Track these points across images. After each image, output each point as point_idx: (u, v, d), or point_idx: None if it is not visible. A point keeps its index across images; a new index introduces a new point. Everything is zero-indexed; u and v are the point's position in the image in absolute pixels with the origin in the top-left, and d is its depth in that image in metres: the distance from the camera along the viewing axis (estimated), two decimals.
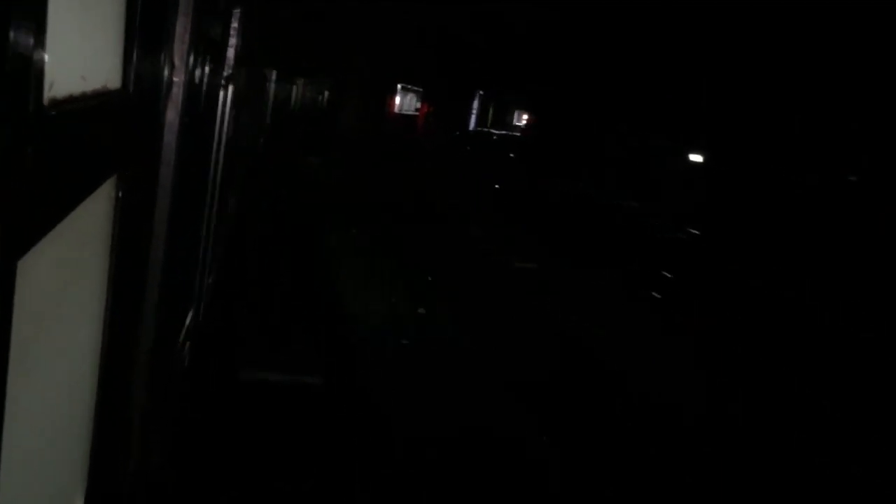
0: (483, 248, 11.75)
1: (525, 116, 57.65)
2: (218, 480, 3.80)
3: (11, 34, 0.73)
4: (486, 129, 50.63)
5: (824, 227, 13.95)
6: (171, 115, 1.90)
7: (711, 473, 5.20)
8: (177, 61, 1.83)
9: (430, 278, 9.11)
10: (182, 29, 1.80)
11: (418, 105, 38.88)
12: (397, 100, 33.61)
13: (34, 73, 0.85)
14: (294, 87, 18.23)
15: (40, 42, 0.86)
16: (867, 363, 8.76)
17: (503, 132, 51.55)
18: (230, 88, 3.41)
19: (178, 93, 1.88)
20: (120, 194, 1.51)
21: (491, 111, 54.80)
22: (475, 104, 47.21)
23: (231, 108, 3.67)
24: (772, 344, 8.88)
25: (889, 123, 12.97)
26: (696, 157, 19.73)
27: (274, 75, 12.35)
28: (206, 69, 2.50)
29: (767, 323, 9.97)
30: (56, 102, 0.99)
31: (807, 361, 8.38)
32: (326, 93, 21.30)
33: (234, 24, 3.31)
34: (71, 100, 1.06)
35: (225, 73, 3.31)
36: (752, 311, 10.51)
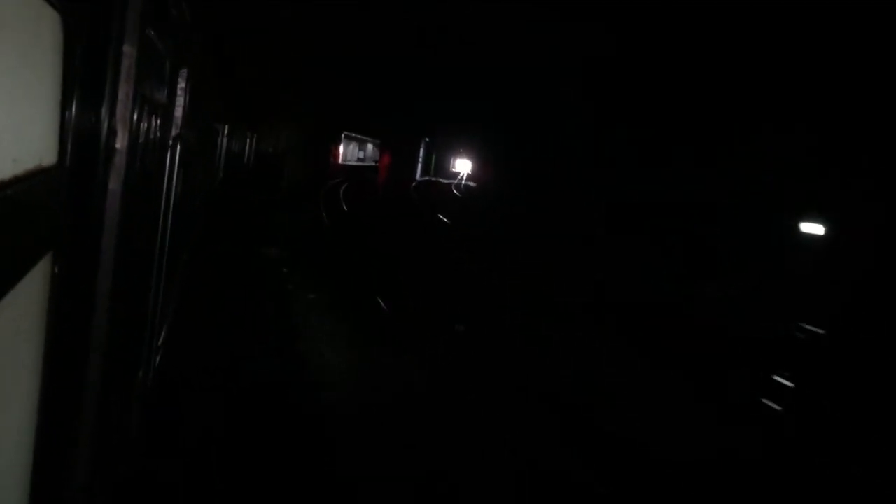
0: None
1: (461, 163, 57.90)
2: None
3: None
4: (433, 178, 50.42)
5: None
6: (114, 182, 1.85)
7: None
8: (119, 128, 1.79)
9: None
10: (124, 95, 1.76)
11: (360, 154, 39.09)
12: (340, 149, 33.61)
13: None
14: (247, 139, 18.20)
15: None
16: None
17: (451, 181, 51.53)
18: (178, 148, 3.36)
19: (120, 160, 1.83)
20: (56, 269, 1.45)
21: (433, 158, 54.72)
22: (421, 152, 46.85)
23: (179, 166, 3.61)
24: None
25: None
26: (810, 228, 13.95)
27: (226, 129, 12.31)
28: (152, 132, 2.46)
29: None
30: None
31: None
32: (276, 142, 21.50)
33: (182, 85, 3.29)
34: (1, 186, 1.03)
35: (172, 133, 3.27)
36: None
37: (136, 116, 1.94)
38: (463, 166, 58.34)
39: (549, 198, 27.48)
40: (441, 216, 25.83)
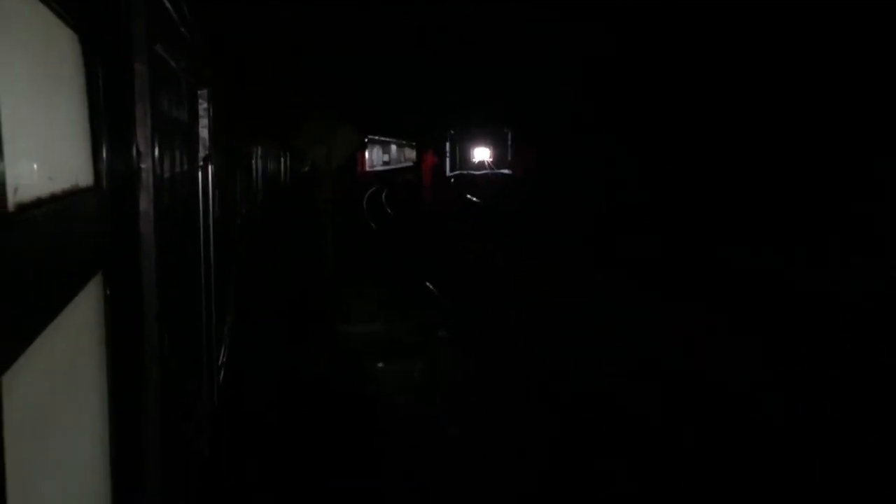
0: None
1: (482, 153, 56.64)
2: None
3: None
4: (463, 171, 49.68)
5: None
6: (145, 203, 1.86)
7: None
8: (142, 147, 1.80)
9: None
10: (142, 114, 1.77)
11: (385, 158, 37.50)
12: (367, 154, 32.96)
13: None
14: (281, 159, 18.49)
15: None
16: None
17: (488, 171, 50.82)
18: (209, 169, 3.40)
19: (147, 179, 1.84)
20: (108, 291, 1.47)
21: (457, 151, 54.04)
22: (447, 146, 45.67)
23: (214, 187, 3.65)
24: None
25: None
26: None
27: (259, 151, 12.52)
28: (178, 153, 2.48)
29: None
30: (23, 207, 0.96)
31: None
32: (305, 160, 21.62)
33: (204, 105, 3.32)
34: (39, 203, 1.03)
35: (202, 154, 3.30)
36: None
37: (156, 138, 1.95)
38: (481, 154, 58.17)
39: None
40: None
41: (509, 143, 49.58)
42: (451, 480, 5.13)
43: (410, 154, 56.76)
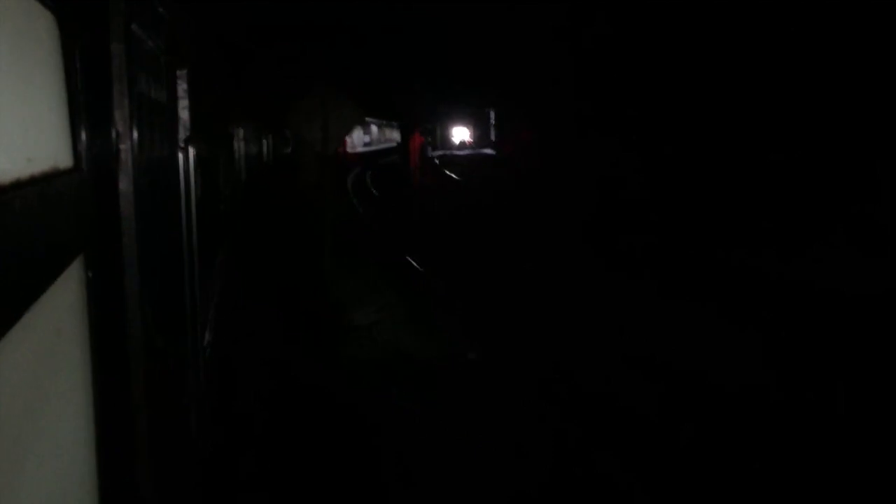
0: None
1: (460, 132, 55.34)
2: None
3: None
4: (446, 152, 48.83)
5: None
6: (125, 184, 1.86)
7: None
8: (120, 128, 1.79)
9: None
10: (119, 94, 1.76)
11: (367, 139, 35.15)
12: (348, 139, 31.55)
13: None
14: (263, 142, 18.28)
15: None
16: None
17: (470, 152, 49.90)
18: (190, 151, 3.38)
19: (126, 160, 1.83)
20: (90, 274, 1.47)
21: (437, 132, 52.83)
22: (436, 127, 43.81)
23: (195, 169, 3.63)
24: None
25: None
26: None
27: (241, 133, 12.38)
28: (158, 134, 2.47)
29: None
30: (2, 189, 0.96)
31: None
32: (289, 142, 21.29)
33: (184, 85, 3.29)
34: (18, 185, 1.03)
35: (182, 136, 3.28)
36: None
37: (134, 118, 1.94)
38: (460, 134, 57.62)
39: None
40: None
41: (492, 122, 48.15)
42: None
43: (391, 135, 56.09)
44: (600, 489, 5.00)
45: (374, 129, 53.78)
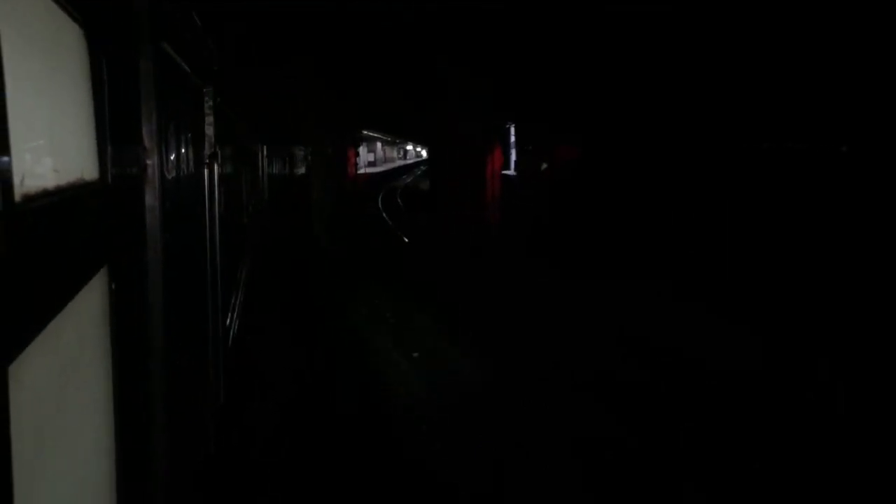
0: None
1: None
2: None
3: None
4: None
5: None
6: (150, 198, 1.89)
7: None
8: (147, 144, 1.83)
9: None
10: (147, 110, 1.80)
11: (370, 158, 33.69)
12: (361, 153, 29.68)
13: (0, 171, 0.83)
14: (285, 161, 18.43)
15: (2, 139, 0.84)
16: None
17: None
18: (214, 165, 3.43)
19: (153, 175, 1.87)
20: (113, 285, 1.49)
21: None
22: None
23: (219, 184, 3.69)
24: None
25: None
26: None
27: (264, 150, 12.54)
28: (184, 149, 2.51)
29: None
30: (29, 198, 0.97)
31: None
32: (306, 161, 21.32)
33: (209, 102, 3.36)
34: (45, 194, 1.04)
35: (207, 152, 3.34)
36: None
37: (161, 135, 1.98)
38: None
39: None
40: None
41: (512, 139, 43.72)
42: None
43: (392, 153, 54.08)
44: None
45: (378, 146, 51.88)
